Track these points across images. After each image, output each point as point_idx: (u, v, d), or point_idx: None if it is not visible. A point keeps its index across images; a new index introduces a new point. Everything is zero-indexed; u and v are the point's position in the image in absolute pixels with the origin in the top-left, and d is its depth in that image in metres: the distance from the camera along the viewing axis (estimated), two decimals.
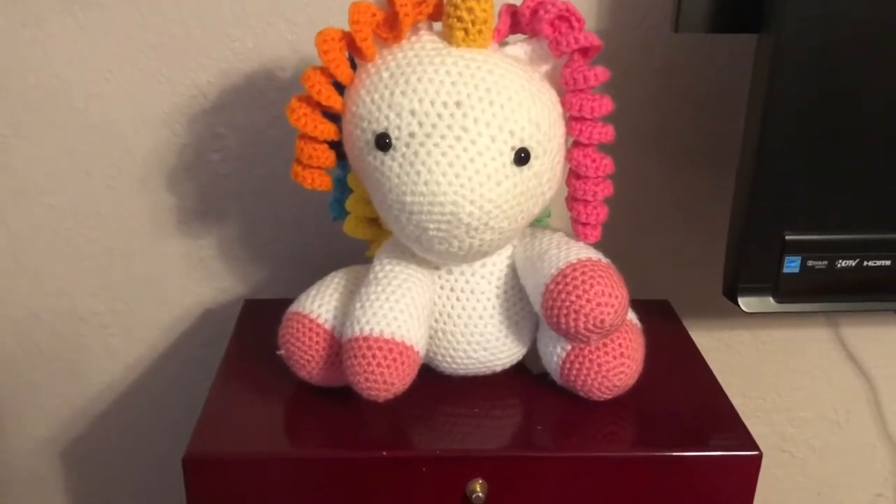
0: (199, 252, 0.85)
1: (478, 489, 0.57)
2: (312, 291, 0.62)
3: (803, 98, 0.60)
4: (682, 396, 0.64)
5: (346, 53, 0.55)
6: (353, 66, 0.57)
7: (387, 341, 0.55)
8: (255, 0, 0.75)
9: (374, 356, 0.54)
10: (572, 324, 0.55)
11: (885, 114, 0.61)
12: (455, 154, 0.51)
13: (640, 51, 0.76)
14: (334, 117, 0.58)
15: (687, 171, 0.82)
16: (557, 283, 0.55)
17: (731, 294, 0.66)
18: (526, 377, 0.65)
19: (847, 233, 0.65)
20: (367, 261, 0.65)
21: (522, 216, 0.56)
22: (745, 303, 0.65)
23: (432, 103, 0.52)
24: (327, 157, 0.57)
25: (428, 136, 0.52)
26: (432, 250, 0.55)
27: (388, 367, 0.54)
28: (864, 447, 0.99)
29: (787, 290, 0.65)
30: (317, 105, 0.55)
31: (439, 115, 0.52)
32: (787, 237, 0.64)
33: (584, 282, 0.54)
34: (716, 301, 0.87)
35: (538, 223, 0.66)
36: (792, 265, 0.65)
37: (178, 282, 0.86)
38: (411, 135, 0.52)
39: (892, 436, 0.98)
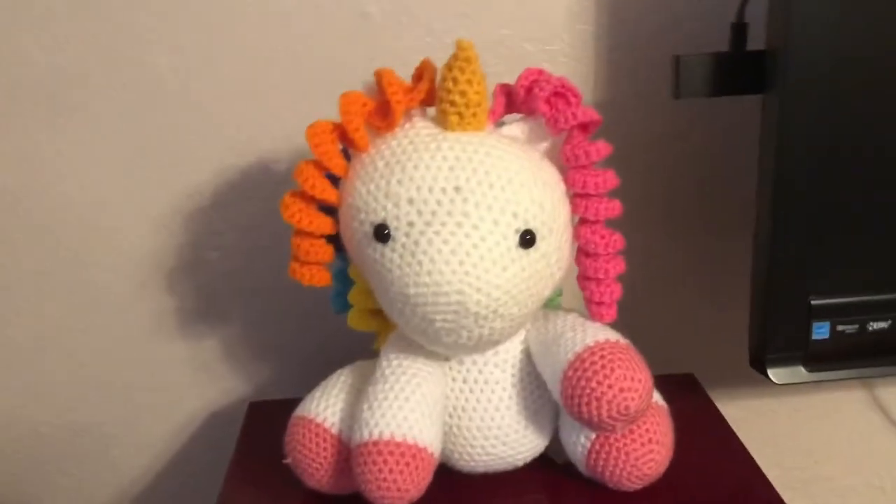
0: (202, 354, 0.82)
1: None
2: (317, 393, 0.59)
3: (815, 155, 0.58)
4: (717, 478, 0.60)
5: (339, 145, 0.53)
6: (347, 157, 0.55)
7: (398, 444, 0.51)
8: (246, 98, 0.74)
9: (385, 462, 0.51)
10: (594, 412, 0.51)
11: None
12: (457, 241, 0.49)
13: (641, 120, 0.75)
14: (331, 210, 0.56)
15: (699, 239, 0.79)
16: (575, 370, 0.52)
17: (760, 366, 0.62)
18: (550, 470, 0.61)
19: (876, 293, 0.61)
20: (374, 354, 0.62)
21: (532, 300, 0.53)
22: (774, 374, 0.62)
23: (430, 190, 0.50)
24: (325, 251, 0.54)
25: (428, 224, 0.49)
26: (440, 342, 0.52)
27: (402, 472, 0.51)
28: None
29: (817, 357, 0.62)
30: (311, 199, 0.53)
31: (438, 202, 0.50)
32: (813, 302, 0.61)
33: (603, 367, 0.51)
34: (741, 370, 0.83)
35: (550, 304, 0.63)
36: (821, 331, 0.61)
37: (182, 386, 0.83)
38: (410, 224, 0.50)
39: None
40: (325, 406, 0.57)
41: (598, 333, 0.54)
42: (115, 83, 0.73)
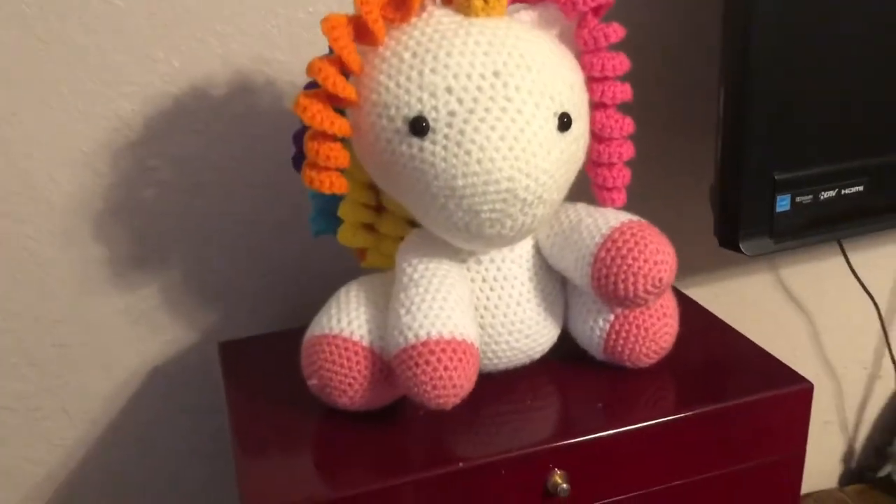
0: (139, 304, 0.75)
1: (559, 481, 0.54)
2: (332, 311, 0.56)
3: (780, 37, 0.62)
4: (711, 348, 0.64)
5: (353, 39, 0.50)
6: None
7: (449, 342, 0.50)
8: (176, 14, 0.68)
9: (439, 360, 0.50)
10: (631, 287, 0.53)
11: (854, 49, 0.64)
12: (504, 126, 0.48)
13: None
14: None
15: (665, 133, 0.82)
16: (608, 250, 0.53)
17: (731, 241, 0.67)
18: (556, 362, 0.63)
19: (826, 164, 0.67)
20: (357, 273, 0.60)
21: (567, 184, 0.53)
22: (746, 247, 0.66)
23: (469, 76, 0.48)
24: (344, 155, 0.51)
25: (471, 111, 0.48)
26: (482, 235, 0.51)
27: (456, 368, 0.50)
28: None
29: (781, 228, 0.67)
30: (328, 99, 0.50)
31: (479, 88, 0.48)
32: (777, 177, 0.66)
33: (637, 243, 0.53)
34: (700, 264, 0.89)
35: None
36: (783, 203, 0.66)
37: (119, 342, 0.76)
38: (451, 113, 0.48)
39: (830, 363, 1.04)
40: (348, 321, 0.55)
41: (620, 215, 0.55)
42: (33, 3, 0.64)
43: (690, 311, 0.70)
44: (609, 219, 0.55)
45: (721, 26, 0.63)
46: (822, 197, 0.68)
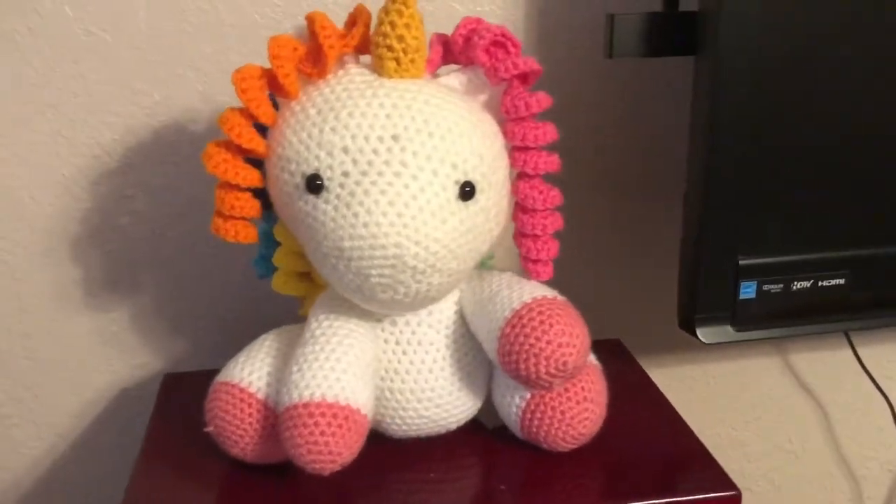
0: (111, 326, 0.77)
1: None
2: (241, 358, 0.56)
3: (746, 118, 0.58)
4: (649, 440, 0.60)
5: (267, 92, 0.50)
6: (276, 107, 0.52)
7: (330, 406, 0.49)
8: (160, 50, 0.70)
9: (316, 424, 0.48)
10: (532, 369, 0.50)
11: (829, 129, 0.60)
12: (395, 192, 0.47)
13: (574, 81, 0.74)
14: (257, 163, 0.53)
15: (631, 202, 0.79)
16: (513, 327, 0.51)
17: (689, 325, 0.63)
18: (482, 433, 0.60)
19: (800, 253, 0.63)
20: (300, 320, 0.59)
21: (471, 255, 0.51)
22: (703, 334, 0.62)
23: (367, 139, 0.48)
24: (251, 206, 0.51)
25: (364, 173, 0.47)
26: (375, 299, 0.50)
27: (334, 434, 0.49)
28: (823, 476, 0.96)
29: (744, 317, 0.63)
30: (237, 150, 0.50)
31: (375, 151, 0.47)
32: (742, 262, 0.62)
33: (542, 322, 0.50)
34: (665, 336, 0.84)
35: (483, 265, 0.62)
36: (748, 291, 0.62)
37: (89, 361, 0.78)
38: (345, 174, 0.48)
39: (848, 462, 0.96)
40: (251, 371, 0.54)
41: (536, 290, 0.53)
42: (18, 30, 0.67)
43: (644, 396, 0.66)
44: (524, 293, 0.53)
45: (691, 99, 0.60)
46: (794, 287, 0.63)
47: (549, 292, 0.53)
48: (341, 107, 0.48)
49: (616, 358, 0.72)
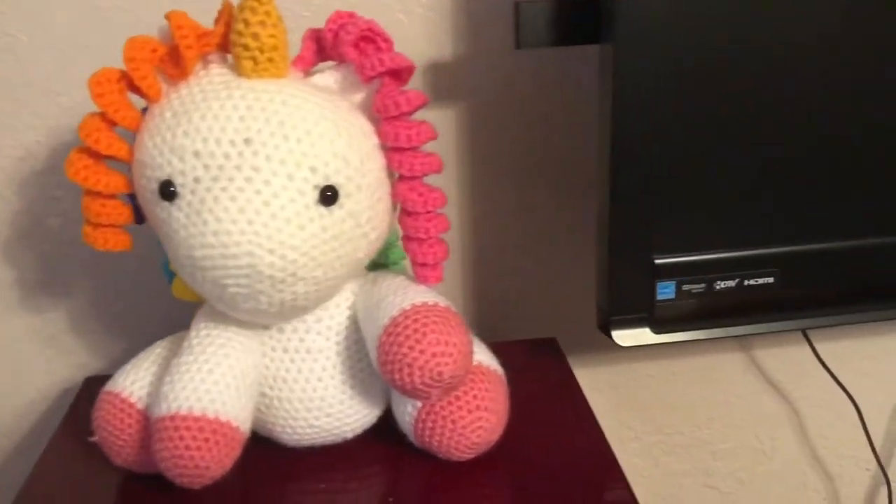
0: (48, 327, 0.77)
1: None
2: (128, 367, 0.55)
3: (652, 109, 0.55)
4: (561, 448, 0.58)
5: (127, 95, 0.48)
6: None
7: (197, 419, 0.48)
8: (79, 50, 0.69)
9: (181, 438, 0.47)
10: (407, 379, 0.48)
11: (746, 119, 0.56)
12: (246, 198, 0.45)
13: (483, 73, 0.71)
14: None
15: (558, 195, 0.76)
16: (389, 335, 0.49)
17: (605, 328, 0.60)
18: (387, 441, 0.58)
19: (723, 251, 0.59)
20: None
21: (340, 262, 0.49)
22: (619, 337, 0.59)
23: (218, 142, 0.46)
24: (120, 212, 0.50)
25: (215, 179, 0.45)
26: (238, 309, 0.48)
27: (199, 448, 0.47)
28: (795, 475, 0.93)
29: (664, 318, 0.60)
30: (100, 155, 0.48)
31: (226, 156, 0.45)
32: (657, 261, 0.58)
33: (416, 331, 0.48)
34: None
35: (395, 266, 0.60)
36: (666, 291, 0.59)
37: (29, 362, 0.78)
38: (196, 180, 0.46)
39: (821, 461, 0.92)
40: (133, 380, 0.53)
41: (418, 296, 0.51)
42: None
43: (565, 400, 0.63)
44: (406, 299, 0.50)
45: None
46: (717, 287, 0.59)
47: (433, 298, 0.51)
48: (194, 109, 0.46)
49: (545, 358, 0.69)
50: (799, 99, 0.56)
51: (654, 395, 0.87)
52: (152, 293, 0.76)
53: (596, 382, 0.85)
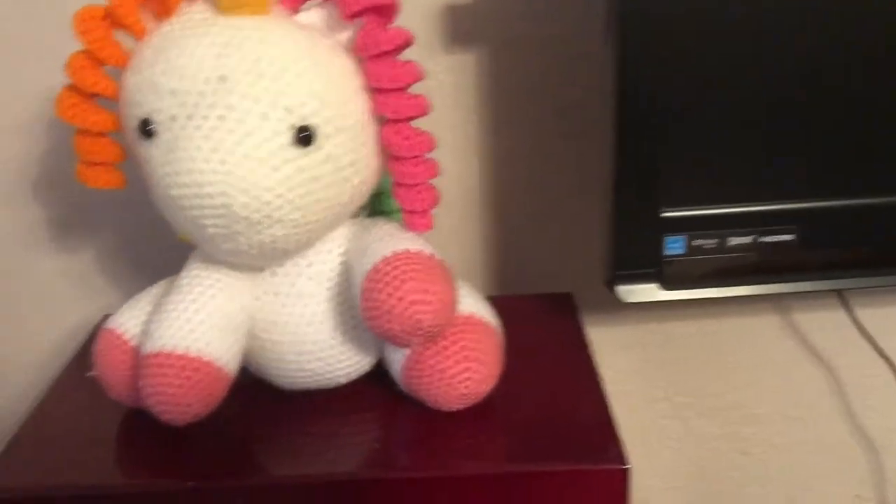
0: (78, 267, 0.79)
1: None
2: (127, 305, 0.56)
3: (663, 47, 0.52)
4: (557, 403, 0.56)
5: (111, 32, 0.48)
6: None
7: (180, 357, 0.48)
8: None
9: (164, 374, 0.48)
10: (386, 326, 0.47)
11: (764, 57, 0.52)
12: (219, 137, 0.44)
13: (503, 16, 0.68)
14: None
15: (578, 143, 0.73)
16: (370, 280, 0.48)
17: (609, 283, 0.57)
18: (382, 389, 0.58)
19: (738, 205, 0.56)
20: None
21: (321, 206, 0.48)
22: (623, 292, 0.57)
23: (193, 80, 0.45)
24: (112, 150, 0.50)
25: (189, 117, 0.45)
26: (219, 250, 0.48)
27: (182, 385, 0.48)
28: (835, 445, 0.89)
29: (674, 275, 0.57)
30: (88, 94, 0.49)
31: (201, 94, 0.45)
32: (664, 214, 0.55)
33: (395, 278, 0.47)
34: None
35: (395, 215, 0.59)
36: (675, 246, 0.56)
37: (62, 301, 0.81)
38: (172, 118, 0.45)
39: (864, 430, 0.88)
40: (129, 317, 0.54)
41: (402, 244, 0.49)
42: None
43: (570, 357, 0.62)
44: (390, 246, 0.49)
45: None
46: (730, 243, 0.56)
47: (417, 245, 0.50)
48: (172, 46, 0.46)
49: (557, 312, 0.68)
50: (819, 35, 0.51)
51: (685, 356, 0.84)
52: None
53: (625, 339, 0.82)
